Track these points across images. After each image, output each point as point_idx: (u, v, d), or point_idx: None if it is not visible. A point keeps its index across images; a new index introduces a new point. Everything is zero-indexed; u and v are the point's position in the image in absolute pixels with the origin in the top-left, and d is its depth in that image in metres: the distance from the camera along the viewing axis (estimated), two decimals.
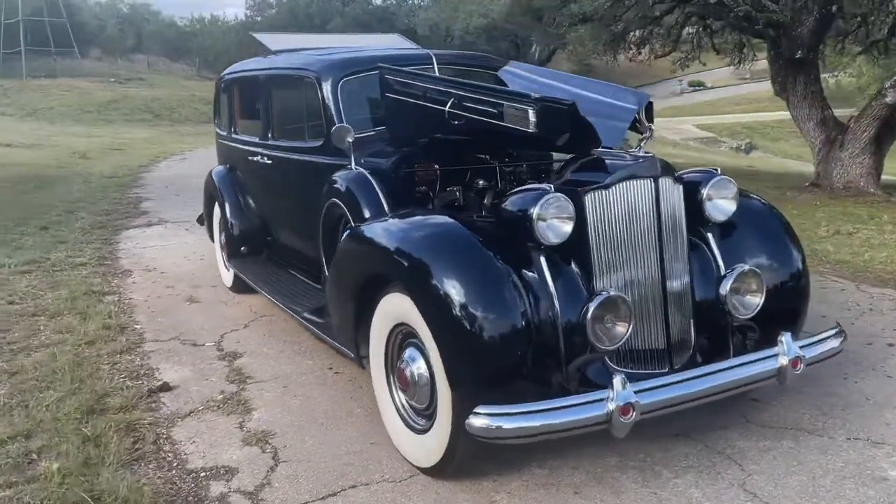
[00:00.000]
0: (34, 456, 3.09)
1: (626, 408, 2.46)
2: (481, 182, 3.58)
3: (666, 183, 2.91)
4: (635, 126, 3.33)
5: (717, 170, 3.17)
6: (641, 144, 3.18)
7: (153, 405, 3.65)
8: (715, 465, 2.95)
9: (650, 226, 2.87)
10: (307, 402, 3.65)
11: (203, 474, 3.00)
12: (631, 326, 2.69)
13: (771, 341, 2.87)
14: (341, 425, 3.39)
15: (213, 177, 5.67)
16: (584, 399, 2.51)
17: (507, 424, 2.46)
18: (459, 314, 2.59)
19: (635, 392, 2.50)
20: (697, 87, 52.32)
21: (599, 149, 3.11)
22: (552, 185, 2.81)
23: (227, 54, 48.46)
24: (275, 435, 3.32)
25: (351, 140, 3.64)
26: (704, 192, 3.06)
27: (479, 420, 2.46)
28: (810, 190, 10.63)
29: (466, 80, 3.45)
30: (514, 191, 2.97)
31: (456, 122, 3.42)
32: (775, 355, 2.81)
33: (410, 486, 2.88)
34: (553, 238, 2.74)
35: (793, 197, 10.14)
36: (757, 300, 2.97)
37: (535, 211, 2.72)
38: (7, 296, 5.44)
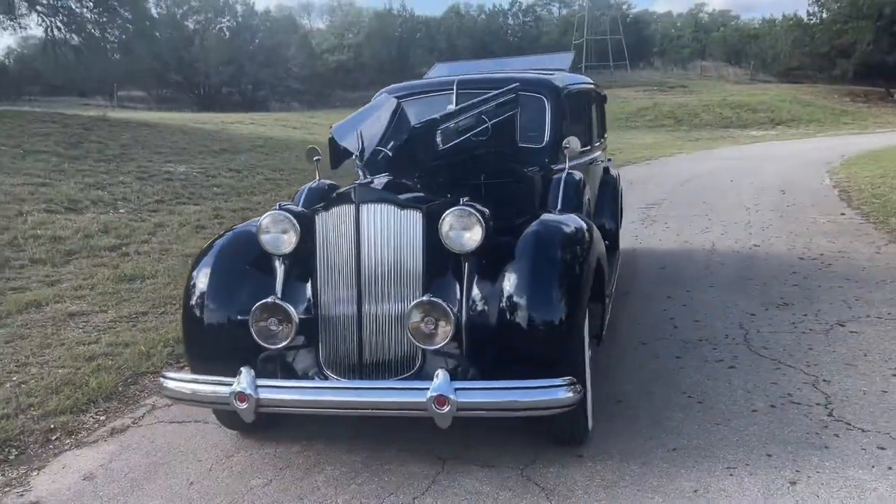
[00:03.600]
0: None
1: (242, 396, 2.88)
2: None
3: (374, 209, 3.02)
4: None
5: (464, 199, 3.06)
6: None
7: None
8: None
9: (350, 250, 3.04)
10: None
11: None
12: (293, 331, 2.99)
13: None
14: None
15: None
16: (218, 380, 3.00)
17: (170, 385, 3.14)
18: (192, 298, 3.31)
19: (259, 386, 2.89)
20: None
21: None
22: (280, 203, 3.24)
23: (781, 56, 46.47)
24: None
25: (317, 159, 4.42)
26: (441, 221, 3.00)
27: (167, 382, 3.18)
28: None
29: None
30: None
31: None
32: (426, 388, 2.73)
33: None
34: (270, 248, 3.20)
35: None
36: (443, 331, 2.85)
37: (259, 222, 3.23)
38: None
